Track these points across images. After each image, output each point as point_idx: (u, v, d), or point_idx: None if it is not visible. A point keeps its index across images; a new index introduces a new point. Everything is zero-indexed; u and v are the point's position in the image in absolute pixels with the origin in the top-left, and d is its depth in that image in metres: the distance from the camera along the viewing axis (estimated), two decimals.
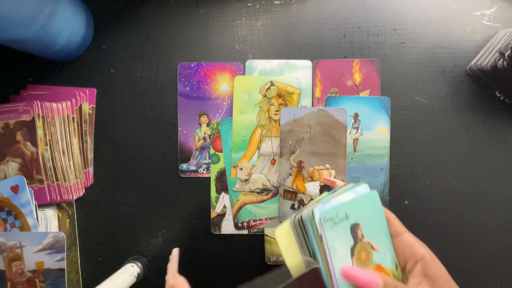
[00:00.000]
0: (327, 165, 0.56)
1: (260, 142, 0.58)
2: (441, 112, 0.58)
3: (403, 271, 0.36)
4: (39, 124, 0.53)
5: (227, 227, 0.59)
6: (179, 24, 0.59)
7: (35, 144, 0.54)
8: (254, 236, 0.58)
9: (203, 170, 0.59)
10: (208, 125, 0.59)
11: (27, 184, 0.53)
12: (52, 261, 0.53)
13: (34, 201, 0.53)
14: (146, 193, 0.59)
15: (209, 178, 0.59)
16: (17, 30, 0.45)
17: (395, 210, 0.58)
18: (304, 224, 0.34)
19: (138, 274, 0.55)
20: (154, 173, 0.59)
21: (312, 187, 0.57)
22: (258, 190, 0.58)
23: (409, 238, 0.36)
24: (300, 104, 0.58)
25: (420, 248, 0.35)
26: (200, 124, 0.59)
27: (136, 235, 0.59)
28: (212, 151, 0.59)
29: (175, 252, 0.43)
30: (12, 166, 0.54)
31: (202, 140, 0.59)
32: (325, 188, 0.57)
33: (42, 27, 0.48)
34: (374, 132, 0.57)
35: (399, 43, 0.58)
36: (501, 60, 0.49)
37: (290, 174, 0.57)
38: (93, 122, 0.59)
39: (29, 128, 0.53)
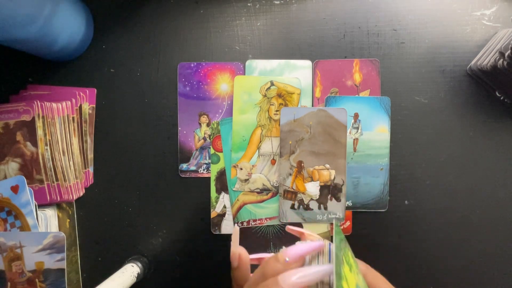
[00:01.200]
0: (327, 165, 0.57)
1: (260, 142, 0.58)
2: (441, 112, 0.58)
3: None
4: (39, 124, 0.53)
5: (227, 227, 0.59)
6: (179, 24, 0.59)
7: (35, 144, 0.54)
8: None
9: (203, 170, 0.59)
10: (208, 125, 0.59)
11: (27, 184, 0.53)
12: (52, 261, 0.53)
13: (34, 201, 0.53)
14: (146, 193, 0.59)
15: (209, 178, 0.59)
16: (17, 30, 0.45)
17: (395, 210, 0.58)
18: None
19: (138, 274, 0.55)
20: (154, 173, 0.59)
21: (312, 187, 0.57)
22: (258, 190, 0.58)
23: None
24: (300, 104, 0.58)
25: None
26: (200, 124, 0.59)
27: (136, 235, 0.59)
28: (212, 151, 0.59)
29: (237, 228, 0.45)
30: (12, 166, 0.54)
31: (202, 140, 0.59)
32: (325, 188, 0.57)
33: (42, 27, 0.48)
34: (374, 132, 0.57)
35: (399, 43, 0.58)
36: (501, 60, 0.49)
37: (290, 174, 0.57)
38: (93, 122, 0.59)
39: (29, 128, 0.53)
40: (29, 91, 0.59)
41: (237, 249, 0.38)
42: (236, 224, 0.52)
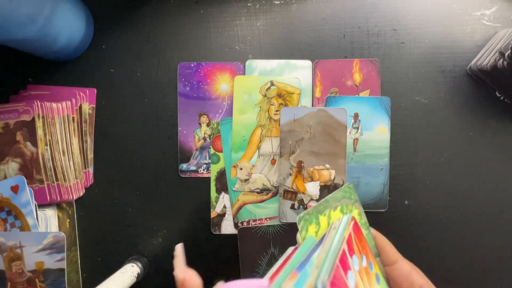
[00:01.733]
0: (327, 165, 0.57)
1: (260, 142, 0.58)
2: (441, 112, 0.58)
3: None
4: (39, 124, 0.53)
5: (227, 227, 0.59)
6: (179, 24, 0.59)
7: (35, 144, 0.54)
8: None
9: (203, 170, 0.59)
10: (208, 125, 0.59)
11: (27, 184, 0.53)
12: (52, 261, 0.53)
13: (34, 201, 0.53)
14: (146, 193, 0.59)
15: (209, 178, 0.59)
16: (17, 30, 0.45)
17: (395, 210, 0.58)
18: None
19: (138, 274, 0.55)
20: (154, 173, 0.59)
21: (312, 187, 0.57)
22: (258, 190, 0.58)
23: (404, 267, 0.34)
24: (300, 104, 0.58)
25: (417, 278, 0.34)
26: (200, 124, 0.59)
27: (136, 235, 0.59)
28: (212, 151, 0.59)
29: (179, 247, 0.40)
30: (12, 166, 0.54)
31: (202, 140, 0.59)
32: (325, 188, 0.57)
33: (42, 27, 0.48)
34: (374, 132, 0.57)
35: (399, 43, 0.58)
36: (501, 60, 0.49)
37: (290, 174, 0.57)
38: (93, 122, 0.59)
39: (29, 128, 0.53)
40: (29, 91, 0.59)
41: (182, 274, 0.33)
42: (178, 246, 0.43)
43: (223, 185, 0.59)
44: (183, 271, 0.34)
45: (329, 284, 0.26)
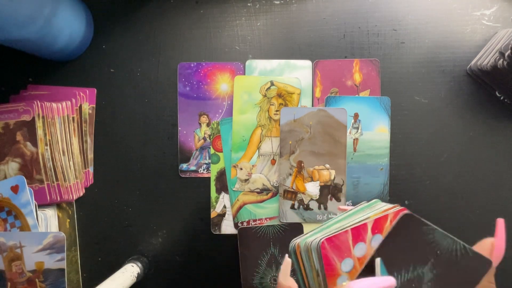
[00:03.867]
0: (327, 165, 0.57)
1: (260, 142, 0.58)
2: (441, 112, 0.58)
3: None
4: (39, 124, 0.53)
5: (227, 227, 0.59)
6: (179, 24, 0.59)
7: (35, 144, 0.54)
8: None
9: (203, 170, 0.59)
10: (208, 125, 0.59)
11: (27, 184, 0.53)
12: (52, 261, 0.53)
13: (34, 201, 0.53)
14: (146, 193, 0.59)
15: (209, 178, 0.59)
16: (17, 30, 0.45)
17: None
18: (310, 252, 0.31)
19: (138, 274, 0.55)
20: (154, 173, 0.59)
21: (312, 187, 0.57)
22: (258, 190, 0.58)
23: None
24: (300, 104, 0.58)
25: None
26: (200, 124, 0.59)
27: (136, 235, 0.59)
28: (212, 151, 0.59)
29: (288, 260, 0.44)
30: (12, 166, 0.54)
31: (202, 140, 0.59)
32: (325, 188, 0.57)
33: (42, 27, 0.48)
34: (374, 132, 0.57)
35: (399, 43, 0.58)
36: (501, 60, 0.49)
37: (290, 174, 0.57)
38: (93, 122, 0.59)
39: (29, 128, 0.53)
40: (29, 91, 0.59)
41: (286, 282, 0.36)
42: (287, 256, 0.44)
43: (223, 185, 0.59)
44: (288, 279, 0.37)
45: (324, 239, 0.27)
